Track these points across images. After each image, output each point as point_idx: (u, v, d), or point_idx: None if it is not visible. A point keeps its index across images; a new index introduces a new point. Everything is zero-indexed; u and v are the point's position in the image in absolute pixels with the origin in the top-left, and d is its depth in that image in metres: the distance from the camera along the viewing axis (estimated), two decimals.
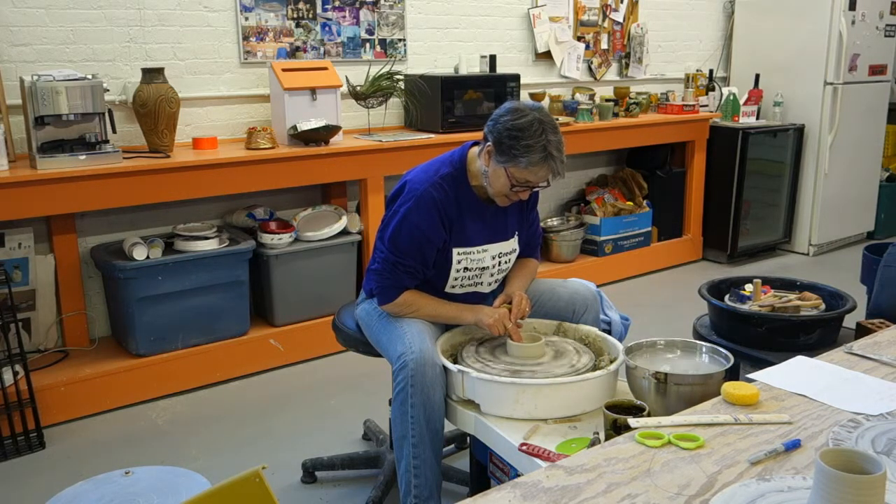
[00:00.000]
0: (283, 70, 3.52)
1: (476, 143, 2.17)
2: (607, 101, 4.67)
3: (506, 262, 2.26)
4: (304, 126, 3.45)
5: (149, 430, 2.97)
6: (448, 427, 2.09)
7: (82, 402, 3.03)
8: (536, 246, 2.40)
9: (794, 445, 1.39)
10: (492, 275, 2.24)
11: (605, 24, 5.01)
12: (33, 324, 3.20)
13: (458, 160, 2.16)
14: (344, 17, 3.91)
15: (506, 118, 2.01)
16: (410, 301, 2.14)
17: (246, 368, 3.42)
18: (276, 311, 3.51)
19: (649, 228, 4.93)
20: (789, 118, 5.27)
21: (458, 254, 2.15)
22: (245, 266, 3.36)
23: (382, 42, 4.06)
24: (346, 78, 3.75)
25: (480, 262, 2.19)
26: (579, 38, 4.89)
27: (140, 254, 3.08)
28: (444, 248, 2.14)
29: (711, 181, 5.14)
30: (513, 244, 2.26)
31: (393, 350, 2.05)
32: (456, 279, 2.19)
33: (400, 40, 4.12)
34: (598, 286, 2.37)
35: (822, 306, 2.52)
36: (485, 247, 2.18)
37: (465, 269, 2.18)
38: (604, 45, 5.04)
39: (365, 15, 3.97)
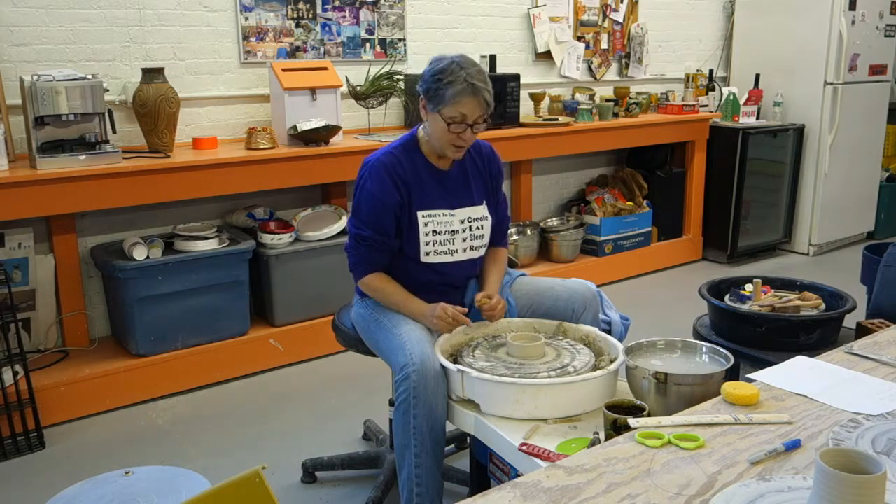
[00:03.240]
0: (283, 70, 3.52)
1: None
2: (607, 101, 4.67)
3: (478, 229, 2.29)
4: (304, 126, 3.45)
5: (149, 430, 2.97)
6: (448, 427, 2.08)
7: (82, 402, 3.03)
8: (504, 232, 2.44)
9: (794, 445, 1.39)
10: (464, 240, 2.26)
11: (605, 24, 5.01)
12: (33, 324, 3.20)
13: (410, 135, 2.28)
14: (344, 17, 3.91)
15: (428, 68, 2.16)
16: (378, 287, 2.23)
17: (246, 368, 3.42)
18: (276, 311, 3.51)
19: (649, 228, 4.93)
20: (789, 118, 5.27)
21: (423, 216, 2.20)
22: (245, 266, 3.36)
23: (382, 42, 4.06)
24: (346, 78, 3.75)
25: (449, 224, 2.23)
26: (579, 38, 4.89)
27: (140, 254, 3.08)
28: (408, 212, 2.19)
29: (711, 181, 5.14)
30: (482, 211, 2.30)
31: (394, 359, 2.05)
32: (427, 244, 2.21)
33: (400, 40, 4.12)
34: (598, 286, 2.37)
35: (822, 306, 2.52)
36: (451, 211, 2.24)
37: (434, 231, 2.21)
38: (604, 45, 5.04)
39: (365, 15, 3.97)
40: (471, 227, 2.27)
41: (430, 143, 2.23)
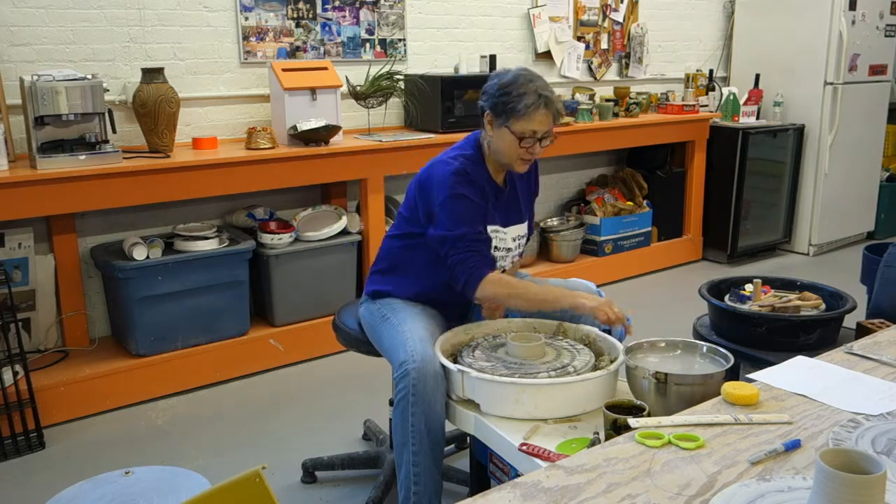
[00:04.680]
0: (283, 70, 3.52)
1: None
2: (607, 101, 4.67)
3: (521, 245, 2.32)
4: (304, 126, 3.45)
5: (149, 430, 2.97)
6: (448, 427, 2.08)
7: (82, 402, 3.03)
8: (527, 241, 2.44)
9: (794, 445, 1.39)
10: (512, 258, 2.29)
11: (605, 24, 5.01)
12: (33, 324, 3.20)
13: (473, 143, 2.21)
14: (344, 16, 3.91)
15: (493, 82, 2.11)
16: (507, 281, 2.11)
17: (246, 368, 3.42)
18: (276, 311, 3.51)
19: (649, 228, 4.93)
20: (789, 118, 5.27)
21: (491, 231, 2.19)
22: (245, 266, 3.36)
23: (382, 42, 4.06)
24: (346, 78, 3.75)
25: (505, 242, 2.23)
26: (579, 38, 4.89)
27: (140, 254, 3.08)
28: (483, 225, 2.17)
29: (711, 181, 5.14)
30: (525, 228, 2.32)
31: (395, 356, 2.05)
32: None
33: (400, 40, 4.12)
34: (598, 286, 2.37)
35: (822, 306, 2.52)
36: (505, 229, 2.23)
37: (496, 248, 2.21)
38: (604, 45, 5.04)
39: (365, 15, 3.97)
40: (518, 245, 2.29)
41: (493, 157, 2.17)
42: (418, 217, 2.18)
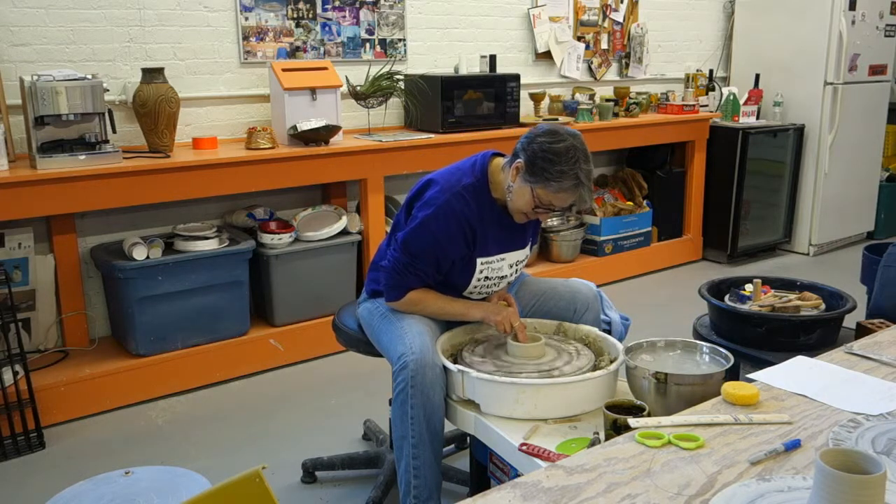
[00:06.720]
0: (283, 70, 3.52)
1: (497, 154, 2.17)
2: (607, 101, 4.67)
3: (520, 269, 2.29)
4: (304, 126, 3.45)
5: (149, 430, 2.97)
6: (448, 427, 2.08)
7: (82, 402, 3.03)
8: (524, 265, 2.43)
9: (794, 445, 1.39)
10: (509, 283, 2.27)
11: (605, 24, 5.01)
12: (33, 324, 3.20)
13: (480, 170, 2.12)
14: (344, 17, 3.91)
15: (542, 139, 1.98)
16: (417, 299, 2.15)
17: (246, 368, 3.42)
18: (276, 311, 3.51)
19: (649, 228, 4.93)
20: (789, 118, 5.27)
21: (482, 263, 2.16)
22: (245, 266, 3.36)
23: (382, 42, 4.06)
24: (346, 78, 3.75)
25: (499, 270, 2.20)
26: (579, 38, 4.89)
27: (140, 254, 3.08)
28: (469, 259, 2.14)
29: (711, 181, 5.14)
30: (526, 252, 2.28)
31: (393, 350, 2.06)
32: (475, 287, 2.20)
33: (400, 40, 4.12)
34: (598, 286, 2.37)
35: (822, 306, 2.52)
36: (502, 255, 2.19)
37: (486, 277, 2.19)
38: (604, 45, 5.04)
39: (365, 15, 3.97)
40: (516, 271, 2.26)
41: (501, 189, 2.10)
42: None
